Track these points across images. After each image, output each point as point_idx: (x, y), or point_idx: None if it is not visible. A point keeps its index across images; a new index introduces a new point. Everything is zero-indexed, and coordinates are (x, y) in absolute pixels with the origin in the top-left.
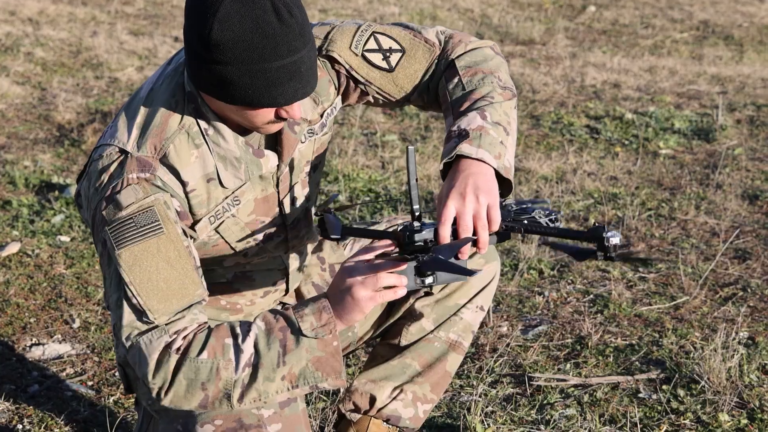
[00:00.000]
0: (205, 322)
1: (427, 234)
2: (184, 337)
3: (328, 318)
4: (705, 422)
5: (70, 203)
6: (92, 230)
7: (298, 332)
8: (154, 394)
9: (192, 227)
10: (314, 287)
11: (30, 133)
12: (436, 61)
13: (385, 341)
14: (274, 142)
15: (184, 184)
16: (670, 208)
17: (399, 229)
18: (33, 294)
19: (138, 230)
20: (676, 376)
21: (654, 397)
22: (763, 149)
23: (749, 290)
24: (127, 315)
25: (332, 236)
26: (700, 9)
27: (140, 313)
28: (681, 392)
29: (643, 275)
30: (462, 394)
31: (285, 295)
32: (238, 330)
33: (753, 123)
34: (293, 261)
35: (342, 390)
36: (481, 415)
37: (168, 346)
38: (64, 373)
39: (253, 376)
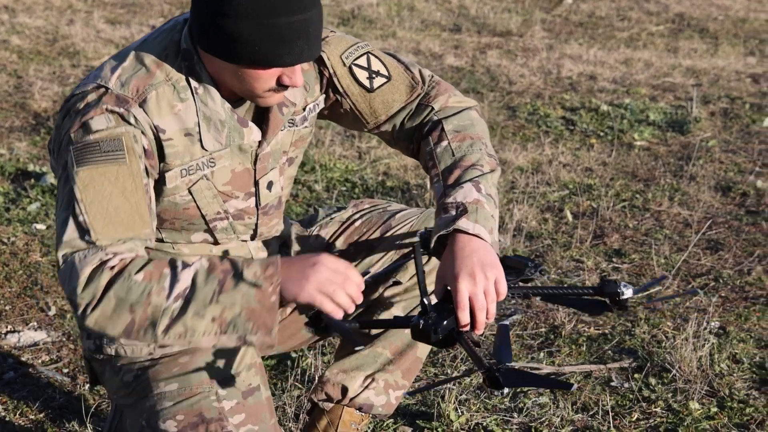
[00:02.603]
0: (145, 256)
1: (449, 324)
2: (122, 259)
3: (273, 271)
4: (676, 410)
5: (46, 191)
6: (58, 155)
7: (239, 276)
8: (80, 310)
9: (162, 174)
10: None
11: (6, 121)
12: (417, 100)
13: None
14: (260, 119)
15: (159, 130)
16: (644, 199)
17: (414, 321)
18: (8, 282)
19: (101, 154)
20: (648, 364)
21: (626, 385)
22: (736, 141)
23: (721, 280)
24: (70, 232)
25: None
26: (675, 2)
27: (83, 231)
28: (652, 381)
29: (617, 265)
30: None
31: None
32: (179, 263)
33: (727, 115)
34: (259, 252)
35: (315, 380)
36: (455, 402)
37: (103, 263)
38: (39, 361)
39: (183, 309)
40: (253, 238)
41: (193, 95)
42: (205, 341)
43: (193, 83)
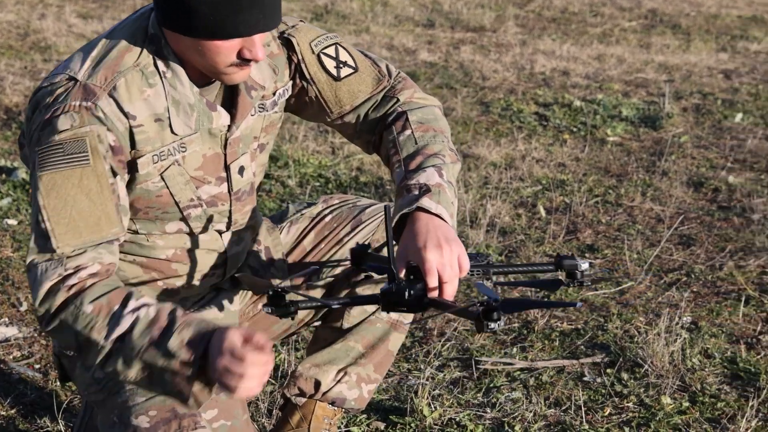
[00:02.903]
0: (111, 264)
1: (420, 289)
2: (81, 278)
3: (197, 344)
4: (648, 405)
5: (17, 186)
6: (29, 151)
7: (165, 341)
8: (38, 316)
9: (134, 161)
10: (249, 269)
11: None
12: (382, 93)
13: (327, 324)
14: (230, 103)
15: (129, 116)
16: (617, 194)
17: (384, 287)
18: None
19: (64, 157)
20: (620, 360)
21: (598, 380)
22: (708, 137)
23: (693, 276)
24: (34, 238)
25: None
26: None
27: (45, 239)
28: (625, 376)
29: (590, 261)
30: (409, 377)
31: (222, 280)
32: (131, 303)
33: (699, 111)
34: (233, 246)
35: (288, 375)
36: (428, 398)
37: (62, 279)
38: (10, 356)
39: (117, 352)
40: (228, 227)
41: (161, 79)
42: (136, 384)
43: (161, 67)
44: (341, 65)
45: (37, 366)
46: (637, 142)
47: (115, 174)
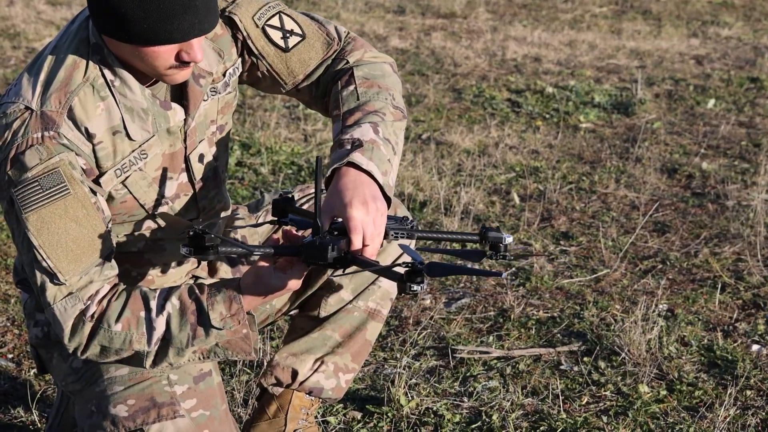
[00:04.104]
0: (116, 276)
1: (341, 247)
2: (99, 302)
3: (237, 308)
4: (625, 394)
5: None
6: None
7: (207, 323)
8: (71, 352)
9: (97, 180)
10: (226, 258)
11: None
12: (332, 56)
13: (304, 313)
14: (180, 96)
15: (90, 136)
16: (591, 181)
17: (308, 239)
18: None
19: (43, 193)
20: (597, 348)
21: (575, 369)
22: (681, 123)
23: (668, 263)
24: (40, 278)
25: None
26: None
27: (51, 275)
28: (602, 364)
29: (565, 248)
30: (386, 366)
31: (197, 267)
32: (153, 303)
33: (671, 97)
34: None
35: (264, 364)
36: (404, 387)
37: (82, 313)
38: None
39: (164, 350)
40: (198, 214)
41: (111, 90)
42: (191, 363)
43: (109, 77)
44: (288, 35)
45: (10, 356)
46: (610, 129)
47: (94, 193)
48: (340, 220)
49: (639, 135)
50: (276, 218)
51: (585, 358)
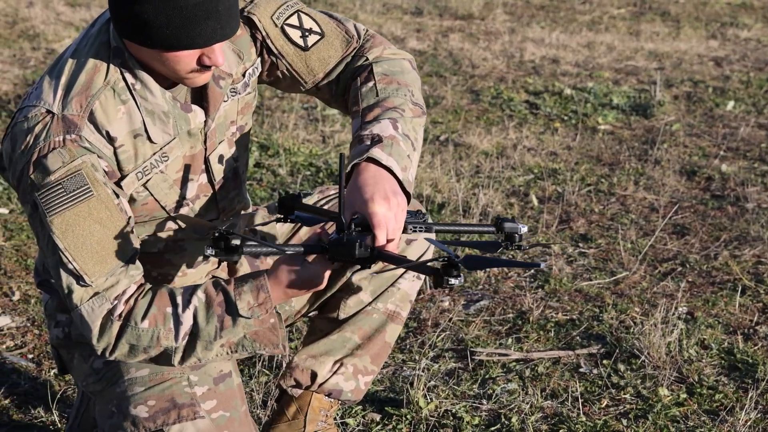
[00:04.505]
0: (142, 277)
1: (368, 243)
2: (126, 302)
3: (265, 297)
4: (645, 397)
5: None
6: (19, 191)
7: (234, 312)
8: (99, 353)
9: (119, 183)
10: (246, 258)
11: None
12: (352, 54)
13: (323, 315)
14: (200, 97)
15: (112, 140)
16: (609, 183)
17: (334, 236)
18: None
19: (67, 196)
20: (617, 351)
21: (594, 371)
22: (700, 125)
23: (688, 265)
24: (66, 280)
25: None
26: None
27: (77, 277)
28: (621, 367)
29: (583, 250)
30: (405, 368)
31: (217, 267)
32: (179, 299)
33: (690, 99)
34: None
35: (283, 366)
36: (423, 389)
37: (110, 312)
38: (4, 346)
39: (192, 345)
40: (219, 215)
41: (132, 94)
42: (218, 361)
43: (130, 80)
44: (307, 33)
45: (31, 356)
46: (629, 131)
47: (117, 194)
48: (357, 215)
49: (658, 137)
50: (282, 216)
51: (604, 361)
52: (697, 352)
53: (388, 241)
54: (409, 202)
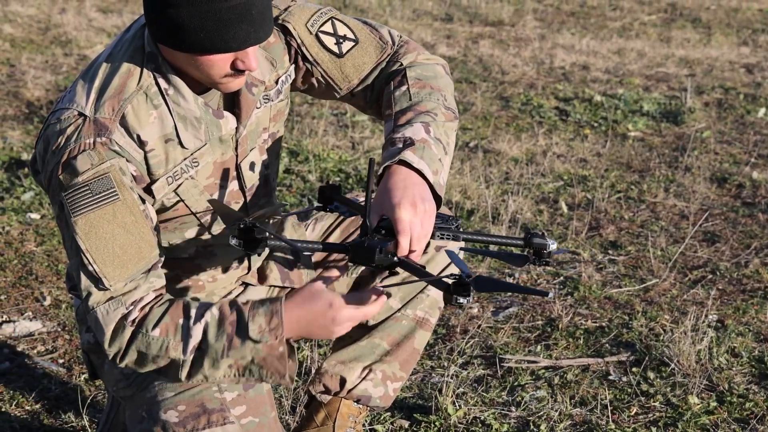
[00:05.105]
0: (162, 287)
1: (389, 249)
2: (141, 308)
3: (277, 323)
4: (675, 405)
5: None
6: (49, 192)
7: (244, 333)
8: (110, 358)
9: (149, 187)
10: (276, 266)
11: None
12: (386, 60)
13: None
14: (232, 104)
15: (143, 144)
16: (640, 190)
17: (356, 240)
18: (3, 271)
19: (93, 198)
20: (646, 358)
21: (624, 379)
22: (731, 132)
23: (718, 273)
24: (85, 282)
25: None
26: None
27: (96, 280)
28: (651, 375)
29: (613, 258)
30: (433, 375)
31: (247, 273)
32: (192, 312)
33: (721, 106)
34: None
35: (312, 372)
36: (452, 396)
37: (124, 317)
38: (35, 351)
39: (200, 360)
40: None
41: (164, 98)
42: (226, 381)
43: (163, 85)
44: (341, 40)
45: (61, 361)
46: (659, 138)
47: (143, 201)
48: (386, 218)
49: (688, 144)
50: (321, 205)
51: (634, 369)
52: (727, 360)
53: (412, 249)
54: (439, 206)
